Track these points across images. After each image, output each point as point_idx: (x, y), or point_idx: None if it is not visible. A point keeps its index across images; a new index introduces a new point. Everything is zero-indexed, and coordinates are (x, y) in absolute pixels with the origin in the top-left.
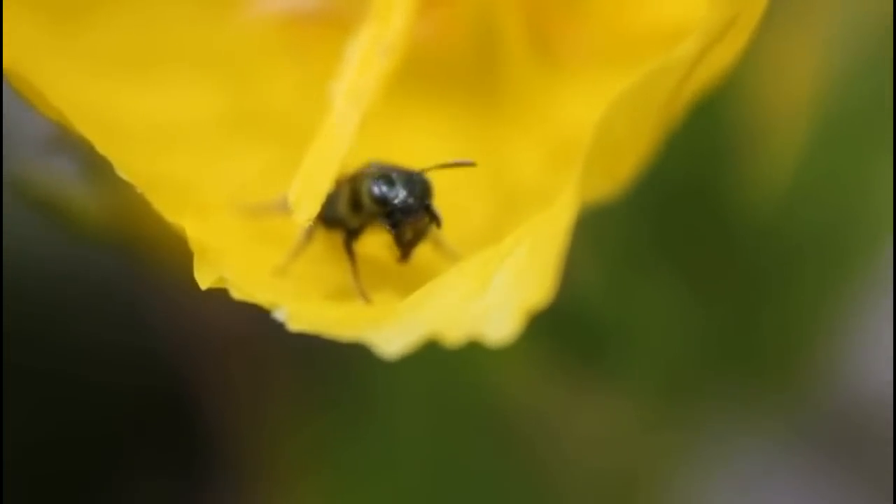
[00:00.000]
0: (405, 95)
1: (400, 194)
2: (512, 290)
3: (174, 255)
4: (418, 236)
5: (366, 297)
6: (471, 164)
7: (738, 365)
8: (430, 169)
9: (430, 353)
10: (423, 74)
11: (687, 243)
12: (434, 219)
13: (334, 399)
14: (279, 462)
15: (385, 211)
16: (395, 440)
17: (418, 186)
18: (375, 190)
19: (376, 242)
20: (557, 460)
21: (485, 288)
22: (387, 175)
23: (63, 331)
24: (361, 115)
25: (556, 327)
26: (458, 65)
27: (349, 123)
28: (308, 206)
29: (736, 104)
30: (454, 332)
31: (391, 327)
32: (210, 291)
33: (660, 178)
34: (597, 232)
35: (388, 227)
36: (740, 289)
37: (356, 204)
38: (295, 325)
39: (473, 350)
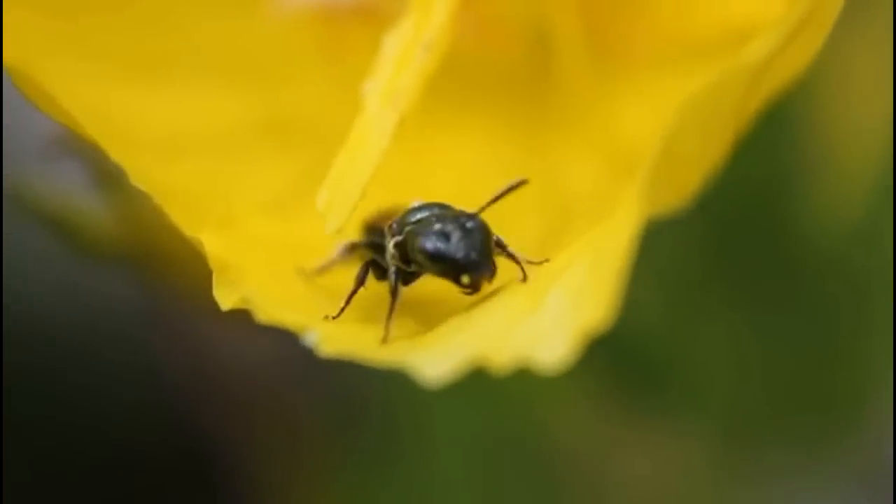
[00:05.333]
0: (446, 102)
1: (459, 251)
2: (567, 310)
3: (194, 273)
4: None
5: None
6: (524, 183)
7: (803, 402)
8: (484, 207)
9: (472, 388)
10: (467, 78)
11: (749, 269)
12: (494, 268)
13: (367, 445)
14: None
15: (443, 270)
16: (433, 489)
17: (477, 236)
18: (429, 247)
19: None
20: (606, 501)
21: (536, 308)
22: (440, 228)
23: (73, 381)
24: (399, 118)
25: (608, 359)
26: (506, 66)
27: (385, 126)
28: (338, 215)
29: (803, 120)
30: (501, 357)
31: (432, 351)
32: (233, 322)
33: (721, 199)
34: (653, 256)
35: (449, 281)
36: (806, 319)
37: (405, 257)
38: (326, 349)
39: (519, 387)
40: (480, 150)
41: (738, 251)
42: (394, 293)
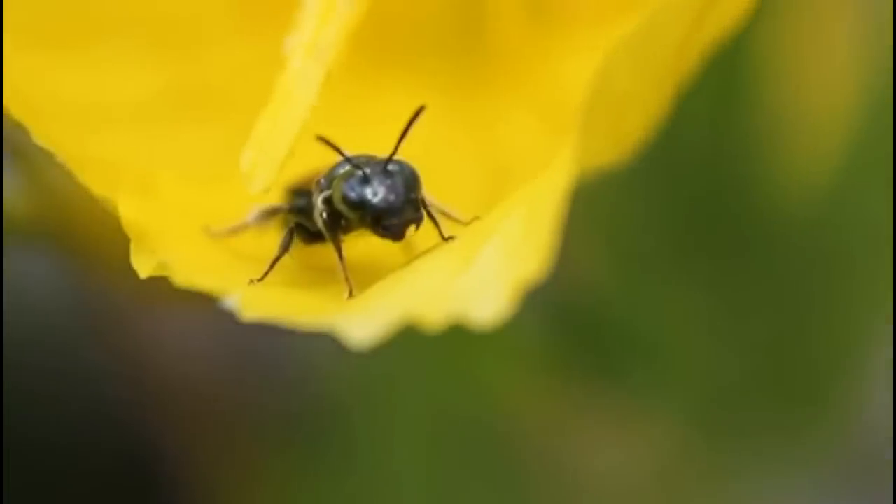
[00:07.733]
0: (375, 61)
1: (378, 193)
2: (501, 264)
3: (114, 253)
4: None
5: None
6: (423, 110)
7: (771, 384)
8: (395, 148)
9: (429, 373)
10: (396, 36)
11: (714, 243)
12: (420, 215)
13: (309, 442)
14: None
15: (363, 216)
16: (388, 481)
17: (399, 179)
18: (347, 192)
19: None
20: (570, 490)
21: (469, 264)
22: (360, 174)
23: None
24: (324, 73)
25: (569, 339)
26: (437, 23)
27: (311, 81)
28: (264, 175)
29: (771, 92)
30: (433, 314)
31: (361, 311)
32: (170, 313)
33: (687, 172)
34: (614, 230)
35: (374, 232)
36: (773, 294)
37: (334, 213)
38: (248, 312)
39: (476, 369)
40: (412, 110)
41: (703, 223)
42: (336, 243)
